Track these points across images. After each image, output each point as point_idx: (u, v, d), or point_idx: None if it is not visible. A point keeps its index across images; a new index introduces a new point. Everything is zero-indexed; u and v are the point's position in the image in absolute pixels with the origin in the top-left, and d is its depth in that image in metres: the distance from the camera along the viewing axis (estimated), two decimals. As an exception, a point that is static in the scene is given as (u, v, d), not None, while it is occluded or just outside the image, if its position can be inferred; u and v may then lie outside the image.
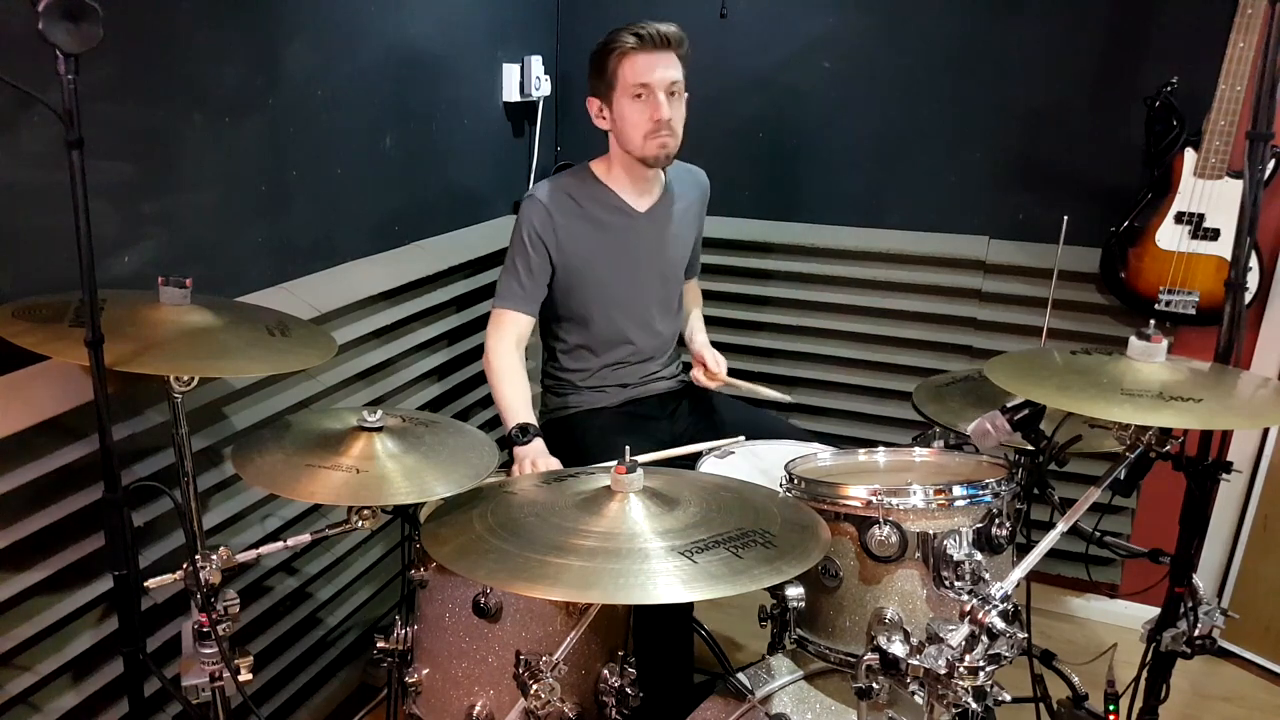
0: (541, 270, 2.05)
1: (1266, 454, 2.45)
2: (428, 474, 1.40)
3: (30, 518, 1.44)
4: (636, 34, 1.93)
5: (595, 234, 2.07)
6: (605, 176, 2.10)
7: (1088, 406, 1.32)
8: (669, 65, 1.95)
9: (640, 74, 1.94)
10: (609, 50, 1.96)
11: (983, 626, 1.23)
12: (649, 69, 1.94)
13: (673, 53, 1.96)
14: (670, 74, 1.95)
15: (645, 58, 1.93)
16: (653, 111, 1.95)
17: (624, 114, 1.98)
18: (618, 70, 1.95)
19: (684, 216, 2.21)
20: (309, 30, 1.96)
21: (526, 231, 2.04)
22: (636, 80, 1.94)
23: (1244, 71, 2.04)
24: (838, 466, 1.72)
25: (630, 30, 1.93)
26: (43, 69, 1.12)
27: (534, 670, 1.25)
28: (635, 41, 1.93)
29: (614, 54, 1.95)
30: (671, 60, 1.96)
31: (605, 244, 2.08)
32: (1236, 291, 1.51)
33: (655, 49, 1.93)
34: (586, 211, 2.07)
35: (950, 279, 2.62)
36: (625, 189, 2.10)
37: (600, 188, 2.09)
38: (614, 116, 2.00)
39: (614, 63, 1.96)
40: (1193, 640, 1.56)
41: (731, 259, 2.78)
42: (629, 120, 1.98)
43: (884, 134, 2.66)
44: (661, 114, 1.94)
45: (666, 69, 1.95)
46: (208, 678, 1.43)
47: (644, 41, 1.93)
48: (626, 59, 1.94)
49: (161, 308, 1.44)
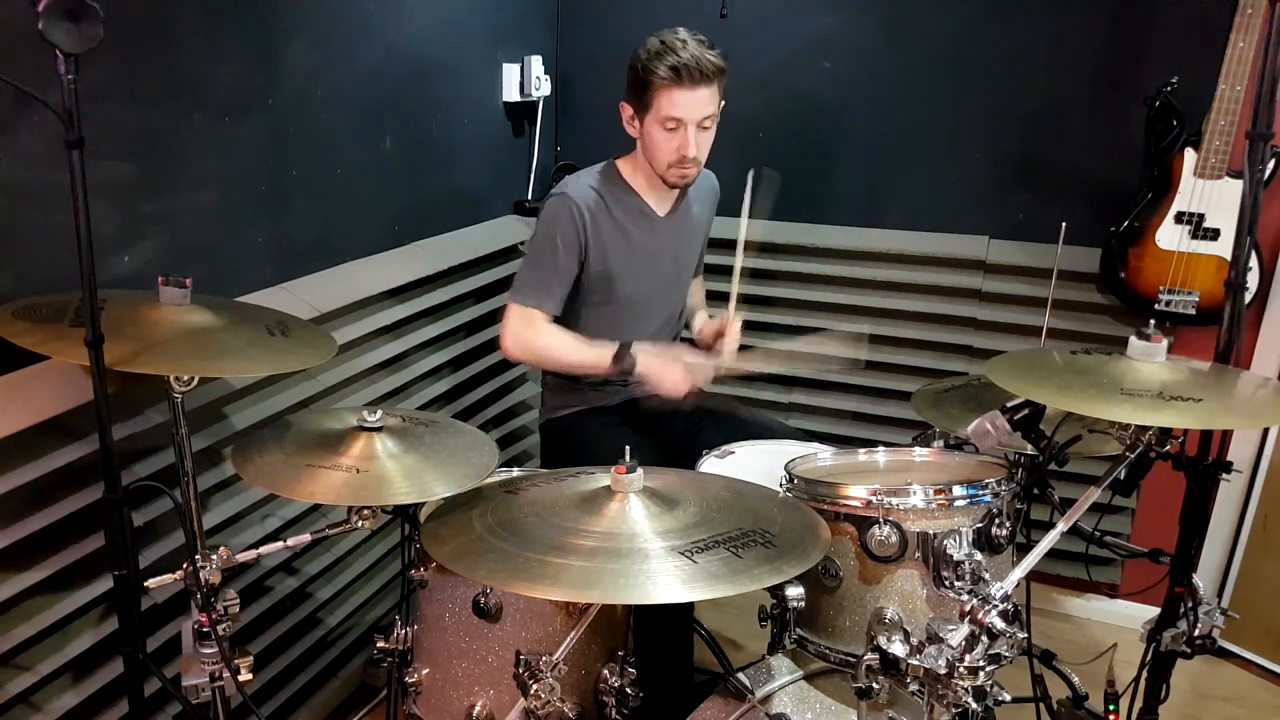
0: (570, 272, 2.02)
1: (1266, 454, 2.45)
2: (428, 474, 1.40)
3: (30, 518, 1.44)
4: (674, 68, 1.85)
5: (622, 238, 2.07)
6: (630, 178, 2.09)
7: (1088, 406, 1.32)
8: (704, 100, 1.90)
9: (675, 109, 1.89)
10: (648, 76, 1.89)
11: (983, 626, 1.23)
12: (684, 105, 1.89)
13: (712, 84, 1.89)
14: (705, 109, 1.90)
15: (682, 94, 1.88)
16: (681, 146, 1.92)
17: (653, 138, 1.96)
18: (653, 99, 1.91)
19: (697, 221, 2.22)
20: (309, 30, 1.96)
21: (563, 233, 1.99)
22: (670, 114, 1.90)
23: (1244, 71, 2.04)
24: (838, 466, 1.72)
25: (669, 60, 1.86)
26: (43, 69, 1.12)
27: (534, 670, 1.25)
28: (673, 76, 1.86)
29: (652, 82, 1.89)
30: (709, 94, 1.90)
31: (629, 247, 2.08)
32: (1236, 291, 1.50)
33: (694, 85, 1.87)
34: (615, 215, 2.06)
35: (950, 279, 2.62)
36: (648, 192, 2.09)
37: (626, 190, 2.08)
38: (643, 133, 1.98)
39: (651, 89, 1.90)
40: (1193, 640, 1.56)
41: (731, 259, 2.76)
42: (657, 145, 1.96)
43: (884, 134, 2.66)
44: (689, 151, 1.92)
45: (701, 105, 1.90)
46: (208, 678, 1.43)
47: (681, 77, 1.86)
48: (664, 91, 1.89)
49: (161, 308, 1.44)
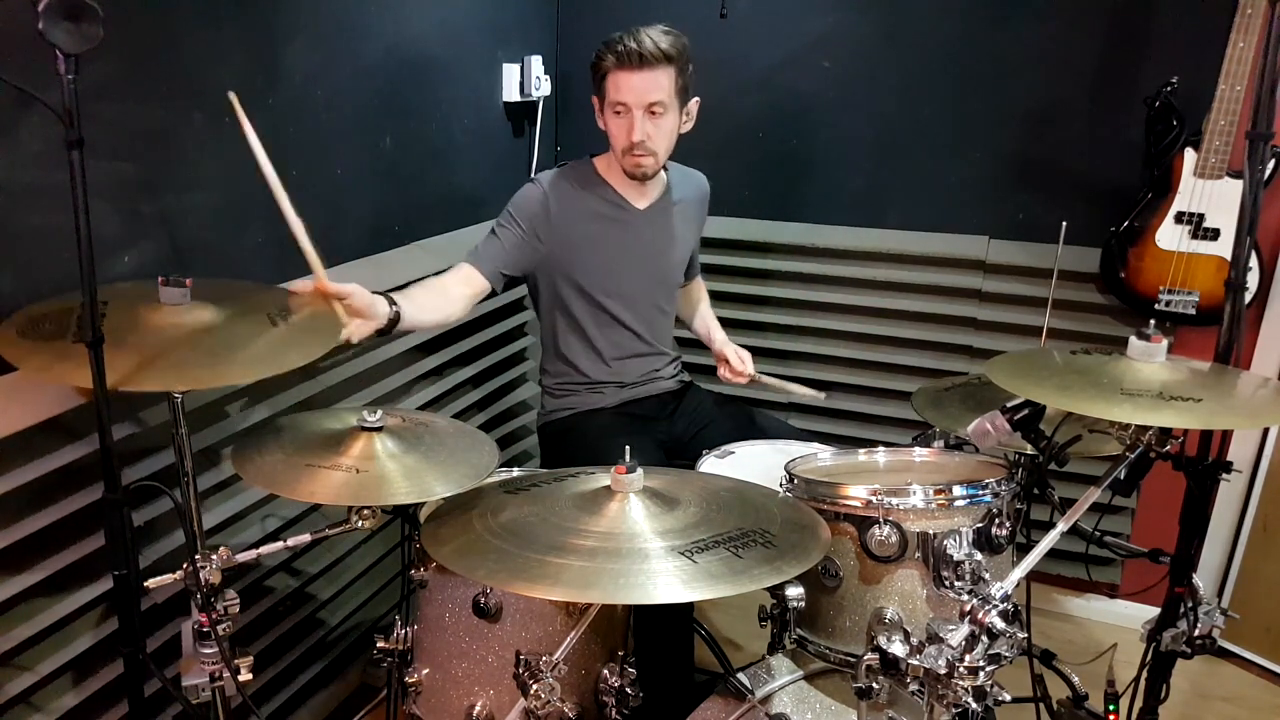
0: (516, 246, 2.02)
1: (1266, 454, 2.45)
2: (428, 474, 1.41)
3: (30, 518, 1.44)
4: (616, 51, 1.88)
5: (591, 222, 2.07)
6: (605, 172, 2.10)
7: (1088, 406, 1.32)
8: (649, 85, 1.89)
9: (619, 92, 1.91)
10: (597, 62, 1.94)
11: (983, 626, 1.23)
12: (627, 88, 1.90)
13: (657, 69, 1.89)
14: (650, 95, 1.90)
15: (624, 76, 1.90)
16: (629, 131, 1.93)
17: (608, 127, 1.99)
18: (604, 84, 1.94)
19: (683, 218, 2.20)
20: (309, 30, 1.96)
21: (515, 207, 2.04)
22: (615, 98, 1.92)
23: (1244, 71, 2.04)
24: (838, 466, 1.72)
25: (615, 45, 1.89)
26: (43, 69, 1.12)
27: (534, 670, 1.25)
28: (614, 60, 1.89)
29: (599, 68, 1.93)
30: (653, 78, 1.89)
31: (602, 234, 2.08)
32: (1236, 291, 1.50)
33: (635, 67, 1.88)
34: (584, 200, 2.07)
35: (950, 279, 2.62)
36: (623, 186, 2.09)
37: (599, 182, 2.09)
38: (605, 124, 2.00)
39: (599, 76, 1.94)
40: (1193, 640, 1.56)
41: (731, 259, 2.78)
42: (611, 133, 1.99)
43: (884, 134, 2.66)
44: (634, 135, 1.93)
45: (646, 89, 1.89)
46: (208, 678, 1.43)
47: (621, 60, 1.88)
48: (610, 76, 1.92)
49: (162, 308, 1.43)
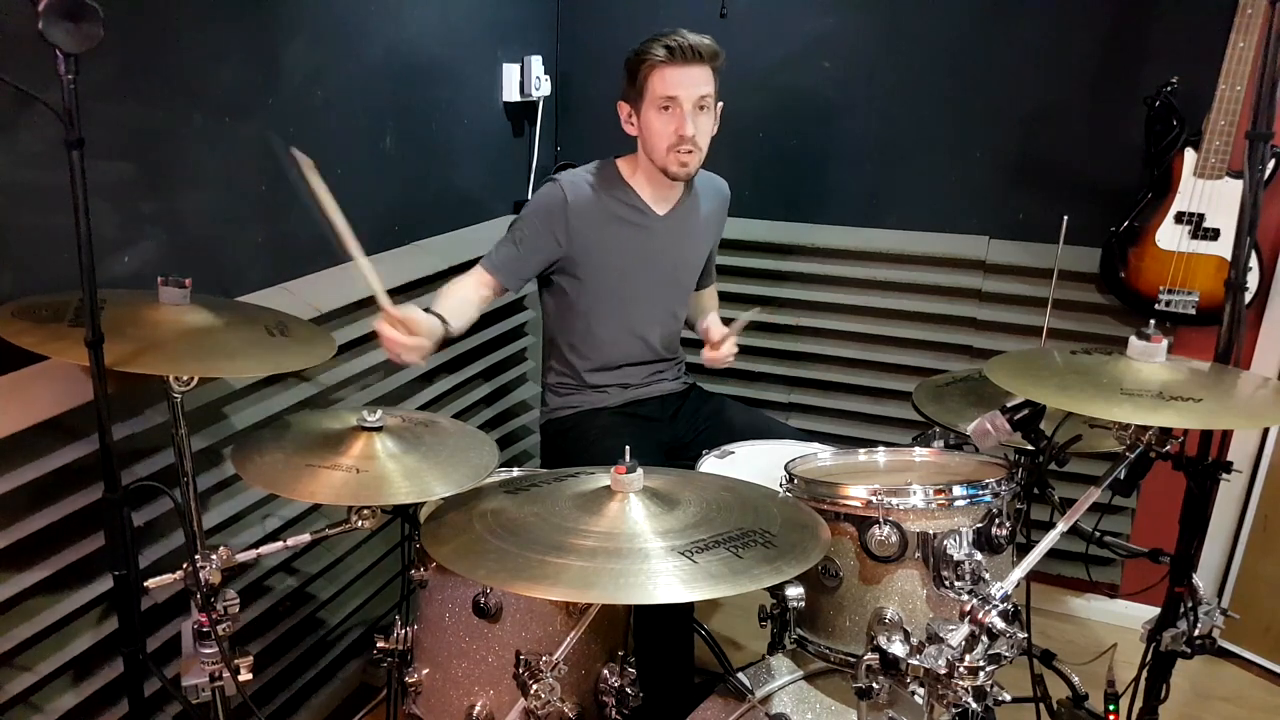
0: (535, 249, 2.03)
1: (1266, 454, 2.45)
2: (428, 474, 1.40)
3: (30, 518, 1.44)
4: (667, 46, 1.90)
5: (611, 226, 2.07)
6: (629, 176, 2.09)
7: (1088, 406, 1.32)
8: (698, 79, 1.92)
9: (669, 87, 1.91)
10: (640, 60, 1.93)
11: (983, 626, 1.23)
12: (677, 83, 1.91)
13: (705, 66, 1.92)
14: (699, 89, 1.92)
15: (675, 71, 1.91)
16: (677, 126, 1.93)
17: (650, 125, 1.97)
18: (647, 81, 1.93)
19: (703, 223, 2.20)
20: (309, 30, 1.96)
21: (535, 208, 2.05)
22: (665, 93, 1.92)
23: (1244, 71, 2.04)
24: (838, 466, 1.72)
25: (662, 41, 1.90)
26: (43, 69, 1.12)
27: (534, 670, 1.25)
28: (665, 54, 1.90)
29: (644, 64, 1.92)
30: (702, 74, 1.92)
31: (620, 239, 2.08)
32: (1236, 291, 1.50)
33: (686, 62, 1.90)
34: (605, 204, 2.06)
35: (950, 279, 2.62)
36: (646, 191, 2.09)
37: (622, 186, 2.08)
38: (641, 125, 1.99)
39: (644, 73, 1.93)
40: (1193, 640, 1.56)
41: (731, 259, 2.77)
42: (654, 131, 1.97)
43: (884, 134, 2.66)
44: (685, 129, 1.93)
45: (695, 83, 1.92)
46: (208, 678, 1.44)
47: (674, 55, 1.90)
48: (656, 71, 1.92)
49: (161, 307, 1.44)
